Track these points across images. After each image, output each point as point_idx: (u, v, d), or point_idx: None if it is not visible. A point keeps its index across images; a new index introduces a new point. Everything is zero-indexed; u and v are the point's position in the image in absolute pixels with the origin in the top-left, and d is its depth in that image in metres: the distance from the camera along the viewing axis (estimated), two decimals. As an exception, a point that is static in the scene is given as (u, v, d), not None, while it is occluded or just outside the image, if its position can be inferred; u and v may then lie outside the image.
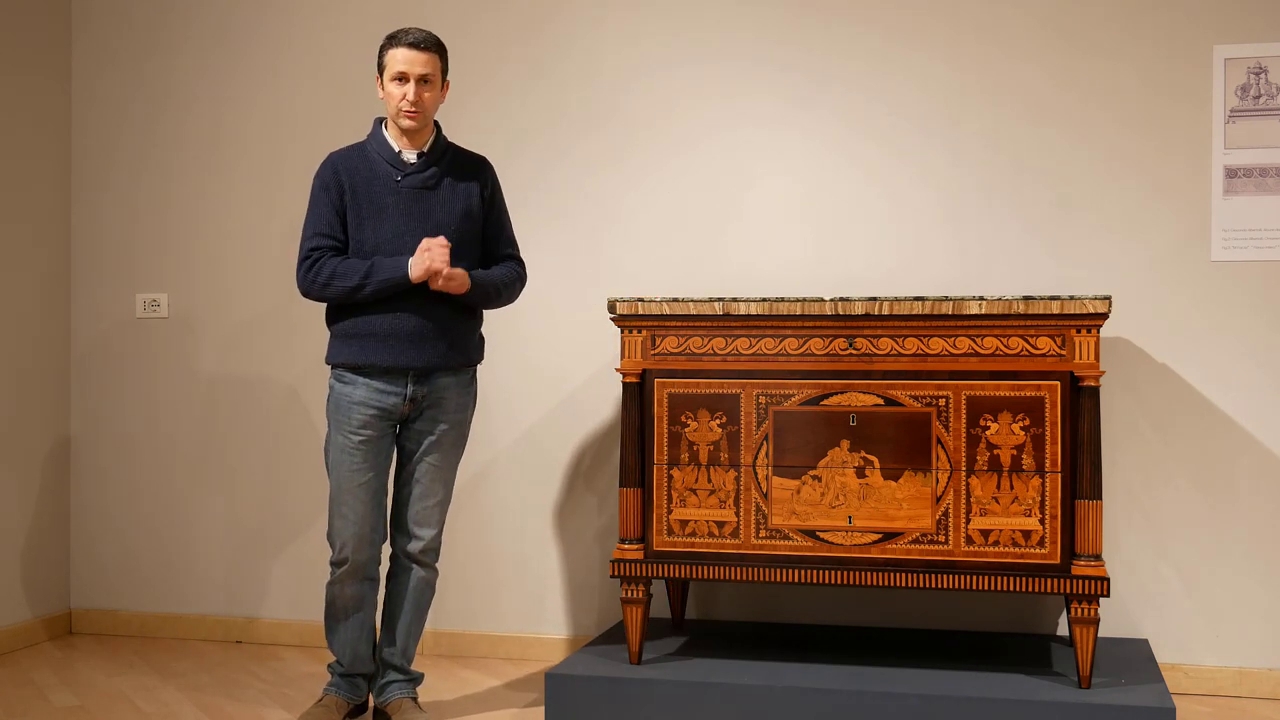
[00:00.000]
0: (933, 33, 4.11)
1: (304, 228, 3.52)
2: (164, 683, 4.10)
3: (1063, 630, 4.02)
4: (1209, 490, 3.94)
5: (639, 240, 4.31)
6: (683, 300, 3.60)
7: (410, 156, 3.51)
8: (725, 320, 3.58)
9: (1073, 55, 4.02)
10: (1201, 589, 3.94)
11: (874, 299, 3.49)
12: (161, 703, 3.87)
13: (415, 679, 3.68)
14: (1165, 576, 3.96)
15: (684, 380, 3.62)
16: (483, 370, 4.38)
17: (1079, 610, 3.38)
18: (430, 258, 3.37)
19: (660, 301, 3.61)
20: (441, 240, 3.40)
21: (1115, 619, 3.96)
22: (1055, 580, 3.40)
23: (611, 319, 3.69)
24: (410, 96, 3.43)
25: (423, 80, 3.44)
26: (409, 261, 3.39)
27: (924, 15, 4.12)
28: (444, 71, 3.53)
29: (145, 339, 4.73)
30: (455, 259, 3.45)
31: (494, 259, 3.63)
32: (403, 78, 3.44)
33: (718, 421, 3.60)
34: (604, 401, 4.32)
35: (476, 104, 4.42)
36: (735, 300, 3.57)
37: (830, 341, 3.53)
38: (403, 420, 3.55)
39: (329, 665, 3.68)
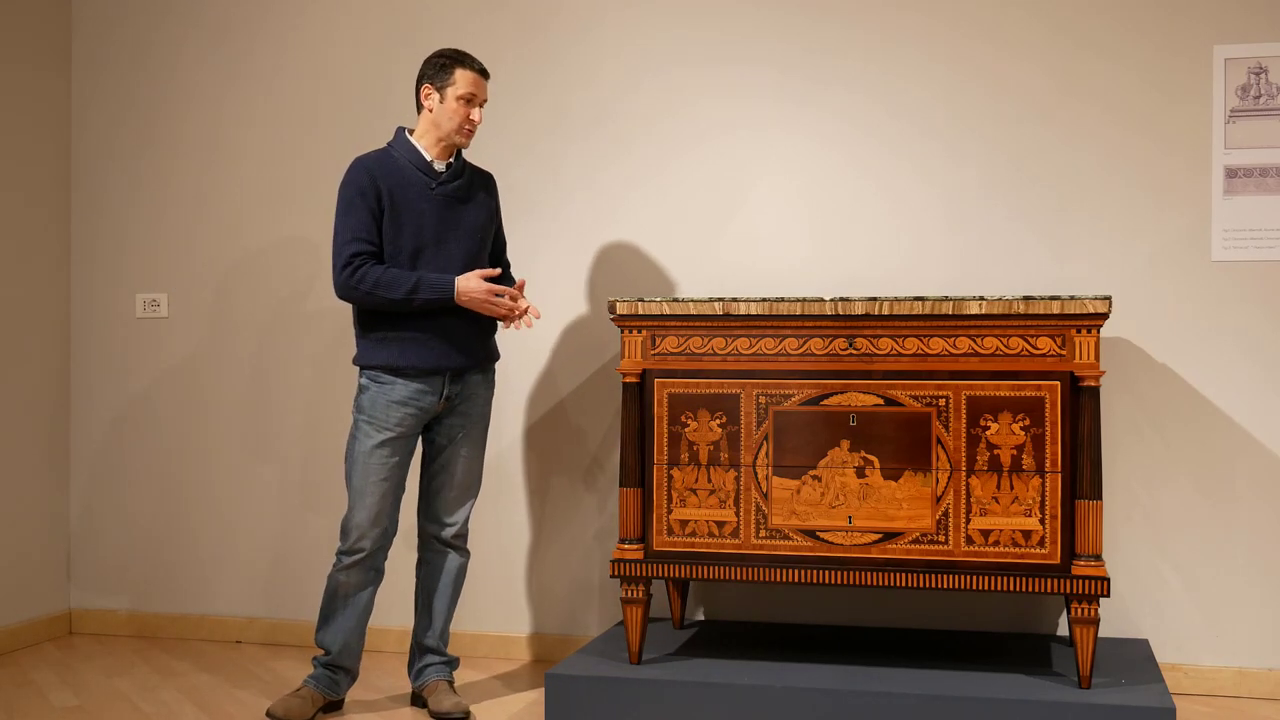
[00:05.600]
0: (933, 33, 4.11)
1: (339, 230, 3.61)
2: (164, 683, 4.10)
3: (1063, 630, 4.02)
4: (1209, 490, 3.94)
5: (639, 240, 4.31)
6: (683, 300, 3.60)
7: (440, 166, 3.68)
8: (725, 320, 3.58)
9: (1073, 55, 4.02)
10: (1201, 589, 3.94)
11: (874, 299, 3.49)
12: (161, 703, 3.87)
13: (451, 662, 3.84)
14: (1165, 576, 3.96)
15: (684, 380, 3.62)
16: (483, 370, 4.37)
17: (1079, 610, 3.38)
18: (494, 307, 3.60)
19: (660, 301, 3.61)
20: (511, 293, 3.63)
21: (1115, 619, 3.96)
22: (1055, 580, 3.40)
23: (611, 319, 3.69)
24: (476, 119, 3.65)
25: (482, 105, 3.68)
26: (456, 285, 3.55)
27: (924, 15, 4.12)
28: None
29: (145, 339, 4.73)
30: (475, 266, 3.68)
31: (495, 265, 3.82)
32: (470, 99, 3.63)
33: (718, 421, 3.59)
34: (604, 401, 4.32)
35: (476, 104, 4.42)
36: (735, 300, 3.57)
37: (830, 341, 3.53)
38: (434, 416, 3.71)
39: (314, 659, 3.78)
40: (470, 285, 3.56)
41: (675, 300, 3.61)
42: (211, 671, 4.23)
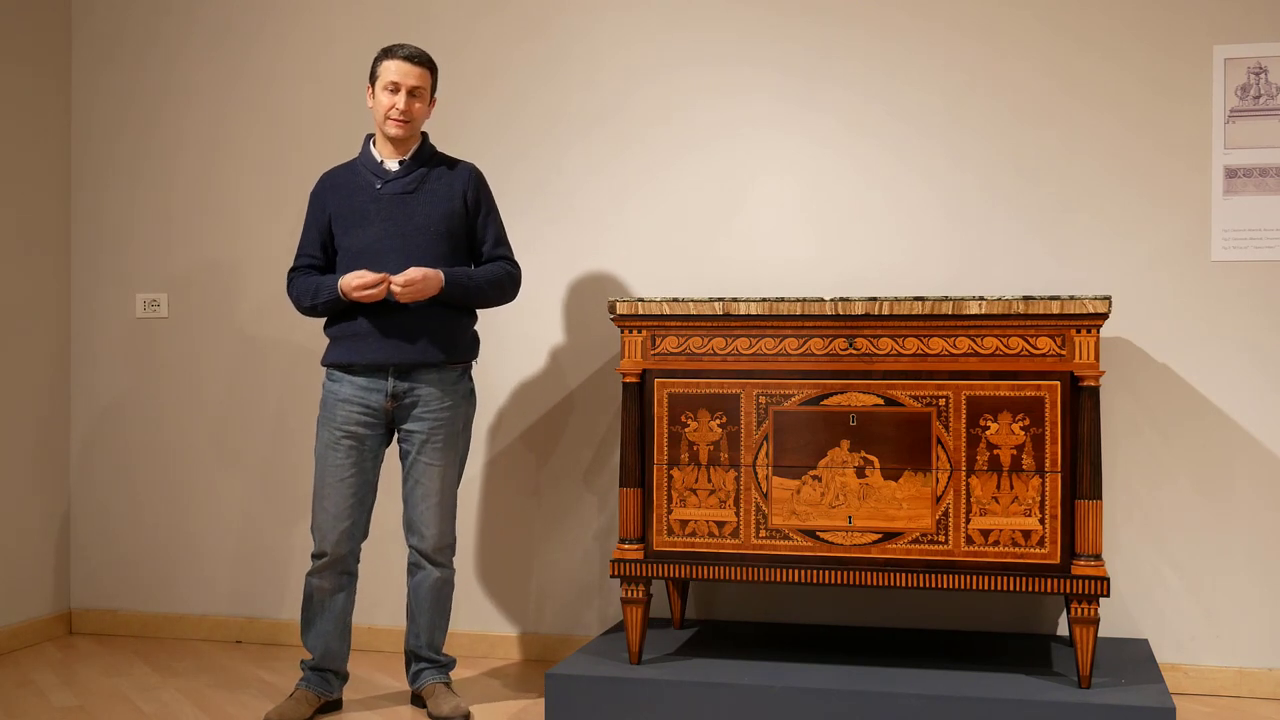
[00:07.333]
0: (932, 33, 4.11)
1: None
2: (164, 683, 4.10)
3: (1063, 630, 4.02)
4: (1209, 490, 3.94)
5: (640, 240, 4.31)
6: (683, 300, 3.60)
7: (392, 165, 3.67)
8: (725, 320, 3.58)
9: (1073, 55, 4.02)
10: (1201, 589, 3.94)
11: (874, 299, 3.49)
12: (161, 703, 3.87)
13: (446, 665, 3.81)
14: (1165, 576, 3.96)
15: (684, 380, 3.62)
16: (484, 370, 4.38)
17: (1079, 610, 3.38)
18: (360, 290, 3.50)
19: (660, 301, 3.61)
20: (372, 278, 3.50)
21: (1115, 619, 3.96)
22: (1055, 580, 3.40)
23: (612, 319, 3.69)
24: (400, 106, 3.59)
25: (413, 92, 3.61)
26: (338, 283, 3.56)
27: (924, 15, 4.12)
28: (433, 88, 3.69)
29: (145, 339, 4.73)
30: (440, 262, 3.61)
31: (484, 261, 3.74)
32: (394, 88, 3.59)
33: (718, 421, 3.59)
34: (604, 401, 4.32)
35: (478, 108, 4.42)
36: (735, 300, 3.57)
37: (830, 341, 3.53)
38: (390, 419, 3.66)
39: (301, 662, 3.78)
40: (345, 281, 3.53)
41: (675, 300, 3.61)
42: (211, 671, 4.23)
